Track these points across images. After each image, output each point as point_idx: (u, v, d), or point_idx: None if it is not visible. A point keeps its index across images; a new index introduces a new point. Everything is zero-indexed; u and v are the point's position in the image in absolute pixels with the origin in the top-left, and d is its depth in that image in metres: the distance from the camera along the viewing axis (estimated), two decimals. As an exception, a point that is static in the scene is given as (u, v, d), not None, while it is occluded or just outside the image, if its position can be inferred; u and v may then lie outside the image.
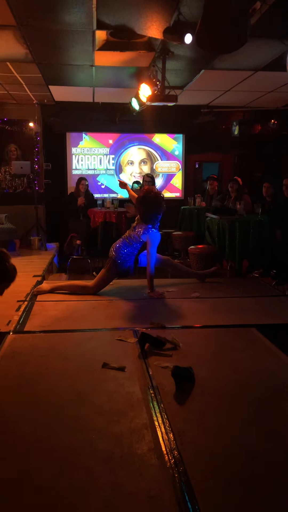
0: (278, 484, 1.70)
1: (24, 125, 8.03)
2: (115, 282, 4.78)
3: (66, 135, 8.86)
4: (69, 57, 5.11)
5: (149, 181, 7.69)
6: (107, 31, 4.24)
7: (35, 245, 7.53)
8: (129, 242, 4.47)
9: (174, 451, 1.86)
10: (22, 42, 4.50)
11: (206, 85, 6.39)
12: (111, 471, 1.76)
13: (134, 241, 4.44)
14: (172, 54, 4.79)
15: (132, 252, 4.51)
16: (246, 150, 9.38)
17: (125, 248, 4.47)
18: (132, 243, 4.46)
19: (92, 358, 2.90)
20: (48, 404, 2.31)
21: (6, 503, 1.60)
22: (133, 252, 4.53)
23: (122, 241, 4.51)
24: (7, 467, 1.80)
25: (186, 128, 9.08)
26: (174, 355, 2.94)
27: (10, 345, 3.12)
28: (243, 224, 5.54)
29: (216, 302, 4.28)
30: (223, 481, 1.71)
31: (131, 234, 4.48)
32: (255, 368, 2.75)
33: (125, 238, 4.52)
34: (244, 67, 5.37)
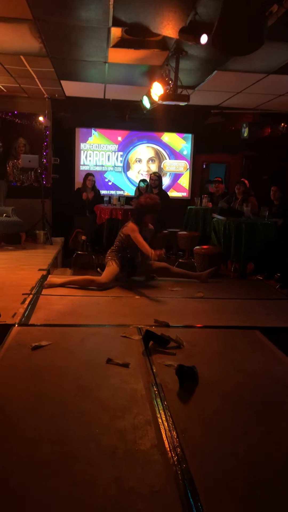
0: (280, 484, 1.71)
1: (34, 119, 8.04)
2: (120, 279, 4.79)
3: (75, 131, 8.88)
4: (83, 53, 5.12)
5: (155, 179, 7.68)
6: (122, 28, 4.24)
7: (40, 239, 7.55)
8: (119, 244, 4.74)
9: (177, 449, 1.88)
10: (37, 36, 4.50)
11: (217, 86, 6.39)
12: (114, 465, 1.78)
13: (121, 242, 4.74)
14: (185, 53, 4.79)
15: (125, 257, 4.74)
16: (254, 153, 9.38)
17: (118, 254, 4.74)
18: (121, 247, 4.73)
19: (96, 353, 2.92)
20: (53, 397, 2.33)
21: (11, 494, 1.62)
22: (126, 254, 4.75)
23: (114, 248, 4.80)
24: (11, 459, 1.82)
25: (195, 128, 9.08)
26: (177, 354, 2.96)
27: (15, 337, 3.14)
28: (249, 227, 5.55)
29: (220, 303, 4.30)
30: (225, 479, 1.73)
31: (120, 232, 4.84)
32: (258, 370, 2.77)
33: (114, 246, 4.82)
34: (257, 69, 5.37)
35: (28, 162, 7.76)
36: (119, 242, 4.77)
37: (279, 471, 1.80)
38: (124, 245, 4.74)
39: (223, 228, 5.72)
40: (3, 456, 1.83)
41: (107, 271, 4.63)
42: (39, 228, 7.69)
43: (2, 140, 8.05)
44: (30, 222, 7.70)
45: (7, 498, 1.59)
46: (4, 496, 1.60)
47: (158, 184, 7.66)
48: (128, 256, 4.75)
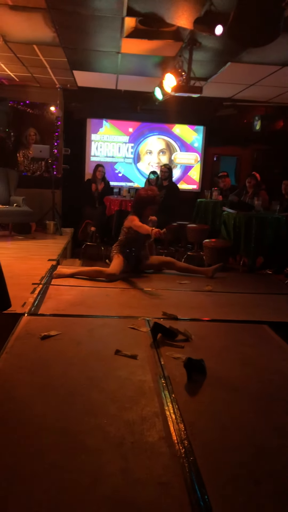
0: (286, 479, 1.71)
1: (45, 108, 8.04)
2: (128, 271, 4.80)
3: (86, 121, 8.86)
4: (96, 43, 5.09)
5: (165, 171, 7.65)
6: (136, 18, 4.20)
7: (50, 229, 7.58)
8: (123, 238, 4.76)
9: (185, 441, 1.89)
10: (50, 26, 4.48)
11: (230, 78, 6.32)
12: (121, 456, 1.80)
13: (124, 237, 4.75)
14: (199, 45, 4.74)
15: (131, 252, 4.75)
16: (266, 146, 9.30)
17: (122, 248, 4.76)
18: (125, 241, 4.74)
19: (104, 344, 2.93)
20: (61, 387, 2.34)
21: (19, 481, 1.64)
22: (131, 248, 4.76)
23: (117, 244, 4.81)
24: (19, 447, 1.84)
25: (207, 120, 9.01)
26: (185, 347, 2.96)
27: (24, 326, 3.16)
28: (260, 220, 5.52)
29: (229, 297, 4.29)
30: (232, 472, 1.74)
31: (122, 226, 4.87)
32: (266, 364, 2.77)
33: (118, 242, 4.83)
34: (271, 61, 5.30)
35: (39, 152, 7.77)
36: (123, 237, 4.78)
37: (286, 466, 1.80)
38: (128, 239, 4.74)
39: (233, 221, 5.69)
40: (12, 444, 1.85)
41: (114, 263, 4.65)
42: (49, 218, 7.71)
43: (14, 129, 8.06)
44: (40, 212, 7.73)
45: (15, 485, 1.61)
46: (12, 484, 1.62)
47: (168, 176, 7.63)
48: (133, 249, 4.75)
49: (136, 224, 4.55)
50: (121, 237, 4.81)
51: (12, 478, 1.65)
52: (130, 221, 4.67)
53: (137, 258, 4.86)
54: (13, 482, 1.63)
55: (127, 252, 4.73)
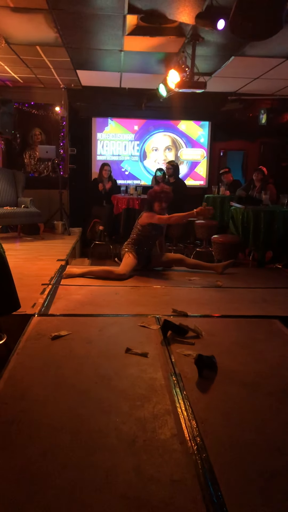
0: (300, 475, 1.71)
1: (50, 109, 8.06)
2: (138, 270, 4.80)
3: (91, 120, 8.87)
4: (98, 42, 5.09)
5: (170, 168, 7.61)
6: (138, 15, 4.20)
7: (58, 230, 7.61)
8: (136, 236, 4.75)
9: (197, 438, 1.89)
10: (52, 26, 4.49)
11: (235, 72, 6.29)
12: (134, 454, 1.80)
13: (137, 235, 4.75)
14: (202, 40, 4.72)
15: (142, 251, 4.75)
16: (272, 139, 9.24)
17: (134, 247, 4.75)
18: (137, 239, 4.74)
19: (115, 343, 2.94)
20: (73, 386, 2.35)
21: (33, 480, 1.65)
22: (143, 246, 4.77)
23: (129, 242, 4.81)
24: (34, 446, 1.85)
25: (212, 115, 8.98)
26: (196, 344, 2.96)
27: (35, 327, 3.18)
28: (268, 214, 5.49)
29: (239, 292, 4.28)
30: (245, 469, 1.73)
31: (135, 224, 4.87)
32: (278, 359, 2.75)
33: (130, 240, 4.81)
34: (275, 54, 5.27)
35: (46, 153, 7.79)
36: (136, 235, 4.77)
37: (300, 461, 1.79)
38: (140, 237, 4.74)
39: (241, 216, 5.66)
40: (25, 444, 1.86)
41: (124, 263, 4.65)
42: (57, 218, 7.74)
43: (19, 131, 8.09)
44: (48, 213, 7.76)
45: (28, 485, 1.62)
46: (26, 482, 1.63)
47: (173, 173, 7.59)
48: (145, 248, 4.77)
49: (161, 218, 4.59)
50: (133, 235, 4.80)
51: (25, 478, 1.66)
52: (149, 218, 4.66)
53: (147, 256, 4.86)
54: (25, 482, 1.64)
55: (138, 250, 4.73)
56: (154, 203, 4.70)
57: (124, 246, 4.82)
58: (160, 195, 4.68)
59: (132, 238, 4.80)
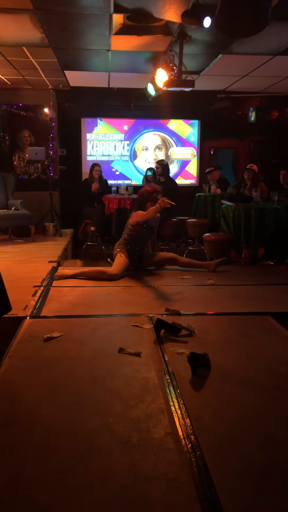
0: (295, 470, 1.71)
1: (39, 110, 8.02)
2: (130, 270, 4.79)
3: (81, 121, 8.84)
4: (85, 42, 5.07)
5: (158, 167, 7.57)
6: (124, 14, 4.18)
7: (49, 231, 7.57)
8: (127, 236, 4.73)
9: (191, 436, 1.88)
10: (38, 26, 4.47)
11: (223, 70, 6.30)
12: (128, 454, 1.79)
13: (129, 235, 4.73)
14: (189, 38, 4.72)
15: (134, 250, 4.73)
16: (262, 137, 9.26)
17: (126, 247, 4.73)
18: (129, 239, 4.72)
19: (108, 343, 2.93)
20: (66, 387, 2.34)
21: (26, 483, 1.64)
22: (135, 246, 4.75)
23: (121, 242, 4.77)
24: (26, 449, 1.84)
25: (201, 114, 8.97)
26: (189, 342, 2.95)
27: (27, 329, 3.16)
28: (259, 212, 5.50)
29: (231, 289, 4.28)
30: (240, 466, 1.73)
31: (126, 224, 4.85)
32: (272, 355, 2.76)
33: (122, 240, 4.78)
34: (262, 51, 5.28)
35: (35, 155, 7.75)
36: (127, 235, 4.76)
37: (294, 456, 1.79)
38: (131, 237, 4.73)
39: (232, 214, 5.67)
40: (19, 446, 1.85)
41: (116, 263, 4.63)
42: (48, 220, 7.70)
43: (8, 133, 8.05)
44: (39, 215, 7.71)
45: (23, 486, 1.61)
46: (20, 485, 1.62)
47: (163, 173, 7.55)
48: (136, 248, 4.75)
49: (142, 214, 4.56)
50: (125, 235, 4.79)
51: (19, 481, 1.64)
52: (135, 217, 4.67)
53: (139, 256, 4.85)
54: (19, 485, 1.62)
55: (130, 250, 4.72)
56: (147, 203, 4.68)
57: (116, 246, 4.81)
58: (153, 195, 4.66)
59: (123, 238, 4.79)
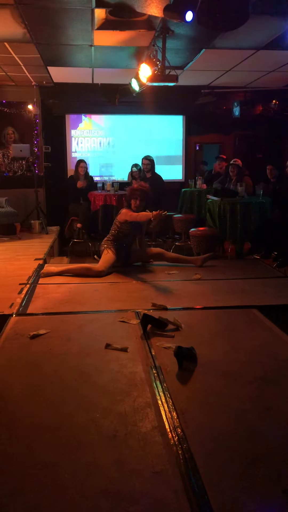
0: (279, 459, 1.73)
1: (22, 107, 7.94)
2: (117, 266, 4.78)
3: (65, 117, 8.77)
4: (67, 37, 5.02)
5: (147, 164, 7.58)
6: (106, 9, 4.15)
7: (35, 229, 7.52)
8: (115, 233, 4.73)
9: (178, 429, 1.89)
10: (20, 22, 4.41)
11: (207, 65, 6.30)
12: (115, 448, 1.80)
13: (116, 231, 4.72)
14: (172, 33, 4.70)
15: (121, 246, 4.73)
16: (247, 131, 9.30)
17: (113, 243, 4.71)
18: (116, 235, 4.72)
19: (95, 339, 2.92)
20: (52, 384, 2.34)
21: (12, 480, 1.63)
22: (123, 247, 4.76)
23: (109, 238, 4.77)
24: (13, 446, 1.83)
25: (186, 109, 8.96)
26: (176, 336, 2.96)
27: (13, 327, 3.14)
28: (244, 206, 5.53)
29: (218, 284, 4.30)
30: (226, 457, 1.74)
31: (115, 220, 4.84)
32: (257, 348, 2.78)
33: (109, 236, 4.78)
34: (245, 46, 5.29)
35: (20, 152, 7.69)
36: (115, 231, 4.75)
37: (279, 447, 1.81)
38: (120, 234, 4.72)
39: (218, 209, 5.69)
40: (5, 443, 1.84)
41: (103, 259, 4.62)
42: (34, 217, 7.65)
43: (-8, 130, 7.97)
44: (25, 212, 7.66)
45: (9, 483, 1.60)
46: (6, 482, 1.61)
47: (150, 168, 7.58)
48: (124, 245, 4.74)
49: (132, 215, 4.54)
50: (113, 231, 4.77)
51: (5, 478, 1.63)
52: (124, 214, 4.64)
53: (126, 252, 4.84)
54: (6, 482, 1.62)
55: (117, 246, 4.70)
56: (130, 200, 4.68)
57: (104, 242, 4.79)
58: (136, 192, 4.65)
59: (111, 234, 4.77)
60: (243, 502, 1.51)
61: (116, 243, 4.70)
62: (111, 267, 4.62)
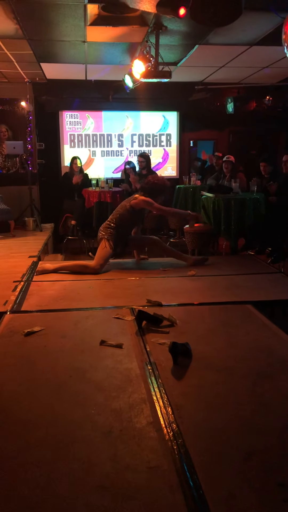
0: (275, 453, 1.73)
1: (15, 104, 7.91)
2: (111, 262, 4.77)
3: (59, 114, 8.74)
4: (60, 33, 5.00)
5: (142, 161, 7.57)
6: (99, 5, 4.14)
7: (29, 226, 7.50)
8: (119, 217, 4.61)
9: (173, 424, 1.89)
10: (12, 17, 4.39)
11: (200, 61, 6.30)
12: (110, 444, 1.79)
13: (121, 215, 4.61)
14: (165, 28, 4.70)
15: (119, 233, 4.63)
16: (240, 127, 9.31)
17: (113, 229, 4.60)
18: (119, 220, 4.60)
19: (90, 336, 2.92)
20: (47, 381, 2.33)
21: (8, 477, 1.63)
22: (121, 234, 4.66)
23: (109, 223, 4.65)
24: (7, 443, 1.82)
25: (180, 105, 8.96)
26: (171, 332, 2.96)
27: (7, 324, 3.13)
28: (238, 202, 5.53)
29: (212, 280, 4.30)
30: (221, 452, 1.75)
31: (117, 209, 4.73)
32: (252, 343, 2.78)
33: (111, 220, 4.66)
34: (238, 41, 5.29)
35: (13, 149, 7.66)
36: (119, 215, 4.61)
37: (275, 441, 1.81)
38: (123, 219, 4.61)
39: (212, 205, 5.69)
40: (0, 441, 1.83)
41: (99, 255, 4.55)
42: (28, 215, 7.63)
43: (-15, 127, 7.93)
44: (19, 210, 7.64)
45: (3, 479, 1.60)
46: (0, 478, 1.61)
47: (145, 165, 7.56)
48: (123, 231, 4.66)
49: (161, 208, 4.63)
50: (116, 215, 4.62)
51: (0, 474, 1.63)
52: (146, 203, 4.54)
53: (125, 242, 4.77)
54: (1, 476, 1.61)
55: (116, 234, 4.58)
56: (159, 195, 4.69)
57: (102, 230, 4.64)
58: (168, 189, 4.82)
59: (114, 218, 4.62)
60: (238, 497, 1.51)
61: (116, 231, 4.59)
62: (106, 263, 4.59)
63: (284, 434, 1.86)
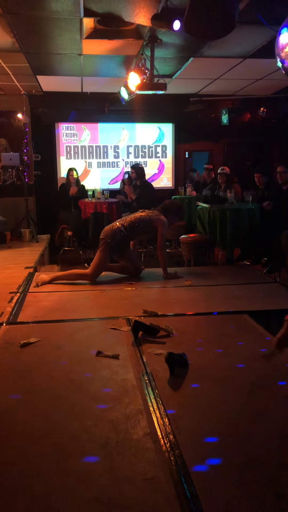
0: (271, 464, 1.73)
1: (12, 116, 7.95)
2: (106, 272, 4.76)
3: (55, 126, 8.79)
4: (56, 46, 5.05)
5: (132, 172, 7.53)
6: (94, 18, 4.19)
7: (26, 237, 7.49)
8: (128, 226, 4.57)
9: (170, 435, 1.89)
10: (8, 31, 4.43)
11: (195, 73, 6.36)
12: (107, 456, 1.78)
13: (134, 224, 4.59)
14: (160, 41, 4.76)
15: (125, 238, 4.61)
16: (235, 139, 9.39)
17: (121, 233, 4.54)
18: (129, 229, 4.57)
19: (86, 347, 2.91)
20: (44, 392, 2.32)
21: (2, 488, 1.61)
22: (126, 239, 4.65)
23: (119, 226, 4.58)
24: (4, 455, 1.81)
25: (175, 117, 9.04)
26: (167, 342, 2.96)
27: (3, 336, 3.12)
28: (233, 212, 5.56)
29: (208, 290, 4.31)
30: (218, 462, 1.74)
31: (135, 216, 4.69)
32: (248, 353, 2.78)
33: (122, 223, 4.59)
34: (232, 54, 5.35)
35: (9, 160, 7.69)
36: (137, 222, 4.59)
37: (272, 451, 1.81)
38: (136, 229, 4.61)
39: (208, 215, 5.72)
40: (-5, 454, 1.82)
41: (95, 263, 4.53)
42: (24, 226, 7.63)
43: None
44: (15, 221, 7.64)
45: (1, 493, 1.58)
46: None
47: (137, 177, 7.53)
48: (128, 241, 4.72)
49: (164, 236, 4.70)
50: (129, 224, 4.57)
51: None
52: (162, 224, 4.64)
53: (121, 251, 4.70)
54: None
55: (120, 241, 4.55)
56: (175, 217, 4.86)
57: (109, 233, 4.56)
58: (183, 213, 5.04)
59: (127, 225, 4.56)
60: (236, 507, 1.50)
61: (122, 236, 4.54)
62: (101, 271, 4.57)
63: (281, 443, 1.85)
